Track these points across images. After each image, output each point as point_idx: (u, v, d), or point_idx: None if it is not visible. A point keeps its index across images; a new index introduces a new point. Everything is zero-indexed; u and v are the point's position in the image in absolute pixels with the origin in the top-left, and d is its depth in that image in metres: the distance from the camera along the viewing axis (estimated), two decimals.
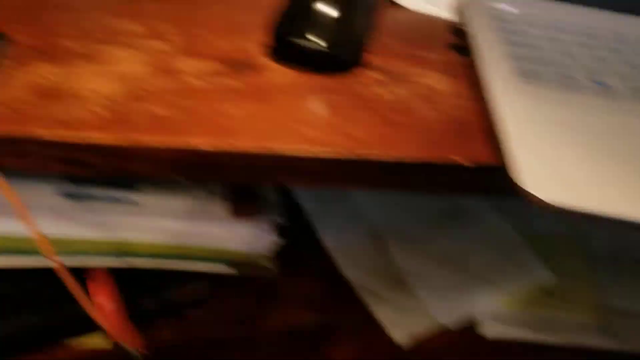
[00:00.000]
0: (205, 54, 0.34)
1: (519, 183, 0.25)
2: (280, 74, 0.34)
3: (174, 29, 0.36)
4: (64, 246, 0.35)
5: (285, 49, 0.35)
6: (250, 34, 0.37)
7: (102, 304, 0.37)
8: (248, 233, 0.39)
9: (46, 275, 0.32)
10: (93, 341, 0.39)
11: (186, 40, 0.35)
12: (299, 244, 0.44)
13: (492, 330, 0.47)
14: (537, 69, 0.33)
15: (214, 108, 0.30)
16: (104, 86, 0.30)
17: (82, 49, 0.32)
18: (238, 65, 0.34)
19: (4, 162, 0.26)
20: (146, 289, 0.39)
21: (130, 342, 0.37)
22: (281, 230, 0.40)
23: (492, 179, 0.29)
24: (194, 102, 0.30)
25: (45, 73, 0.30)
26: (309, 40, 0.34)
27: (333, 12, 0.35)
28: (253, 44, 0.36)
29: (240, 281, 0.42)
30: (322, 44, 0.34)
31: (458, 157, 0.29)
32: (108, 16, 0.36)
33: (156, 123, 0.28)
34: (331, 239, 0.49)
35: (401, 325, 0.46)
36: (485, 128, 0.30)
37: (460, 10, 0.38)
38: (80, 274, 0.26)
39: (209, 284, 0.42)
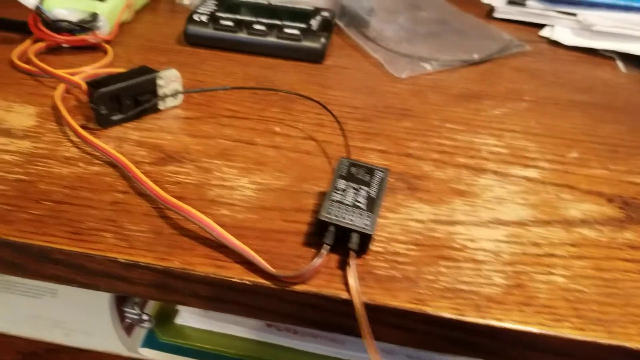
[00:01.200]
0: (584, 188, 0.27)
1: None
2: None
3: (533, 146, 0.30)
4: None
5: None
6: (626, 159, 0.30)
7: None
8: None
9: None
10: None
11: (555, 167, 0.29)
12: None
13: None
14: None
15: (631, 286, 0.22)
16: (491, 240, 0.23)
17: (450, 179, 0.27)
18: (630, 208, 0.26)
19: (377, 333, 0.21)
20: None
21: None
22: None
23: None
24: (599, 268, 0.23)
25: (419, 215, 0.24)
26: None
27: None
28: (635, 175, 0.29)
29: None
30: None
31: None
32: (451, 124, 0.31)
33: (564, 300, 0.21)
34: None
35: None
36: None
37: None
38: None
39: None
